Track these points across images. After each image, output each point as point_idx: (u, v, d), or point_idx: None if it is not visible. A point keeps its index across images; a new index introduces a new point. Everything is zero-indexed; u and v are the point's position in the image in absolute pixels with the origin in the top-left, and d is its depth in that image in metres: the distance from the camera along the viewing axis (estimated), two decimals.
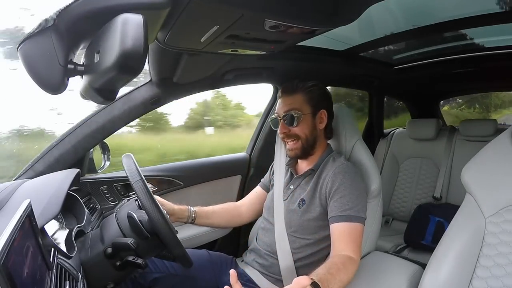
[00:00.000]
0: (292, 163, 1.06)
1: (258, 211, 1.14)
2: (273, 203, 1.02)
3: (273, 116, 0.99)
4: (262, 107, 1.60)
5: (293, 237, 0.95)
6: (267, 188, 1.14)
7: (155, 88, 1.13)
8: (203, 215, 1.06)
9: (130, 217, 0.76)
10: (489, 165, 0.78)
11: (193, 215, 1.03)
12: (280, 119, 0.97)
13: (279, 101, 1.00)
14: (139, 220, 0.75)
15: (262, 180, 1.19)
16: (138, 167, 0.79)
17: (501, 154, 0.77)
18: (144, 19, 0.43)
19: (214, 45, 0.82)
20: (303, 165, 1.03)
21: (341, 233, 0.85)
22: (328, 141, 1.07)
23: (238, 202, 1.18)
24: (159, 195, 1.10)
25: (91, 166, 1.20)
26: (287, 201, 1.00)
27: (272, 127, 1.02)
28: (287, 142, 0.98)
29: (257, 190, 1.17)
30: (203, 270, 1.01)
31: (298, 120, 0.95)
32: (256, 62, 1.16)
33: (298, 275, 0.91)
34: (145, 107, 1.15)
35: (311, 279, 0.65)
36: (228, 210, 1.12)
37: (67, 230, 0.74)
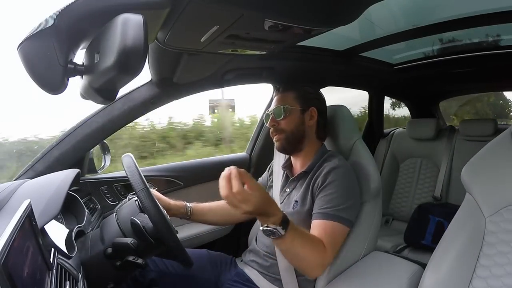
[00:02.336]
0: (287, 165, 1.06)
1: None
2: None
3: (267, 112, 1.01)
4: None
5: None
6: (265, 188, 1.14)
7: (155, 88, 1.13)
8: (199, 213, 1.06)
9: (133, 224, 0.76)
10: (489, 165, 0.78)
11: (189, 212, 1.04)
12: (271, 114, 0.99)
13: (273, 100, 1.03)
14: (142, 226, 0.76)
15: (259, 179, 1.19)
16: (140, 171, 0.79)
17: (501, 154, 0.77)
18: (144, 19, 0.43)
19: (214, 45, 0.82)
20: (298, 167, 1.03)
21: (314, 230, 0.83)
22: (328, 141, 1.07)
23: None
24: None
25: (91, 166, 1.20)
26: (283, 204, 1.00)
27: (265, 123, 1.04)
28: (273, 136, 1.00)
29: None
30: (202, 269, 1.02)
31: (285, 113, 0.97)
32: (256, 62, 1.15)
33: (297, 276, 0.91)
34: (145, 107, 1.15)
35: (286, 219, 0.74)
36: (223, 209, 1.12)
37: (67, 230, 0.74)
